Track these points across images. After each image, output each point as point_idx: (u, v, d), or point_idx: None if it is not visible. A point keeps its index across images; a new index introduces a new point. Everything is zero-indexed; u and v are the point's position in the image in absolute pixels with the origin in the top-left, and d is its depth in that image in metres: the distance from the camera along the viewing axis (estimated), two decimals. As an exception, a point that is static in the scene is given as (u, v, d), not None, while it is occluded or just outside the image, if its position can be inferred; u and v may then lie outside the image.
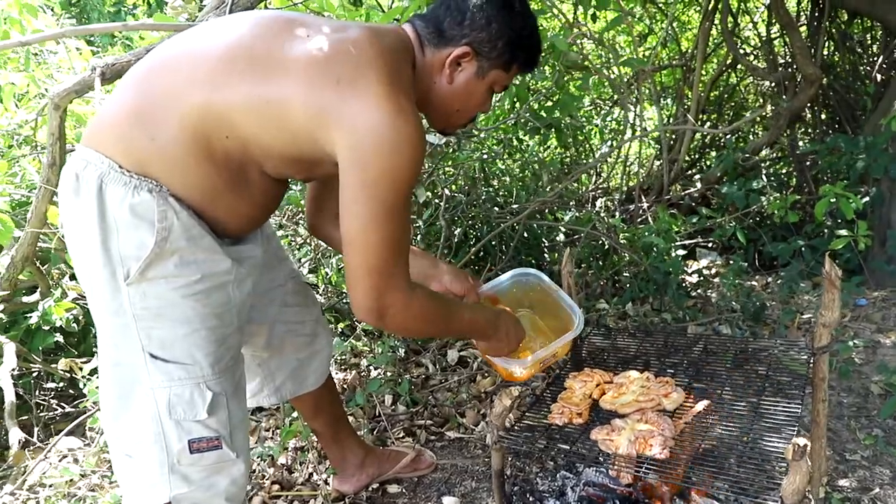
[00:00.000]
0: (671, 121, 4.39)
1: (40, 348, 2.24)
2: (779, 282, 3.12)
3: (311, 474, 1.99)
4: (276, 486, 1.93)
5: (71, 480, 1.81)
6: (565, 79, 2.81)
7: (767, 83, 4.34)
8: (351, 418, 2.14)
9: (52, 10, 4.03)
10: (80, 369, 1.92)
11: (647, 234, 2.94)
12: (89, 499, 1.71)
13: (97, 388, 1.86)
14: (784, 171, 4.01)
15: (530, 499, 1.79)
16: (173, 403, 1.15)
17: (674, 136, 4.25)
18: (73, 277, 2.31)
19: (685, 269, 3.35)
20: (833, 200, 2.64)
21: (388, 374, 2.45)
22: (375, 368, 2.52)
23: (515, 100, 2.65)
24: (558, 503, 1.74)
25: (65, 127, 1.65)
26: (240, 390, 1.29)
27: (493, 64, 1.25)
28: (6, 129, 2.54)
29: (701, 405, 1.50)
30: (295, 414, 2.12)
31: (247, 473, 1.30)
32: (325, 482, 1.93)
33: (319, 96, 1.07)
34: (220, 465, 1.22)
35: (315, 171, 1.24)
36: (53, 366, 2.03)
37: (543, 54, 2.86)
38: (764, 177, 3.38)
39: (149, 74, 1.14)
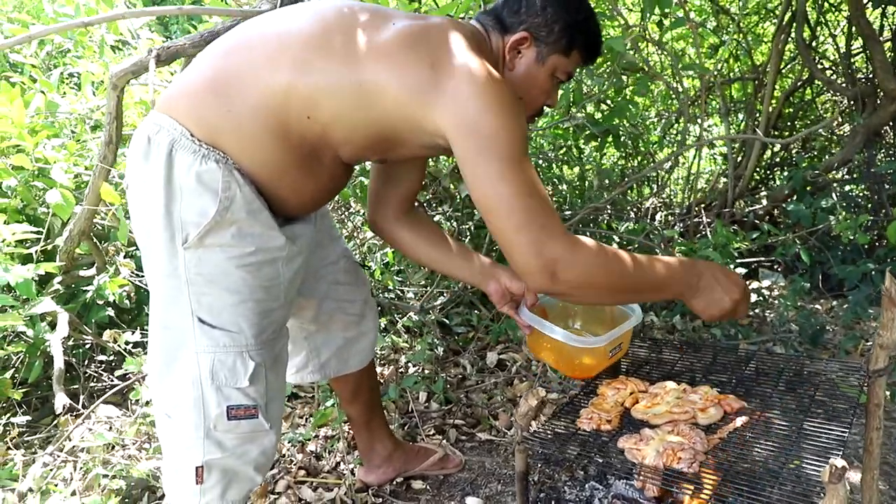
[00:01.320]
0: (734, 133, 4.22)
1: (94, 321, 2.33)
2: (844, 306, 2.94)
3: (338, 463, 1.99)
4: (303, 472, 1.94)
5: (111, 447, 1.88)
6: (625, 82, 2.73)
7: (846, 100, 4.11)
8: (383, 411, 2.13)
9: (134, 6, 4.24)
10: (118, 339, 1.98)
11: (703, 247, 2.83)
12: (120, 466, 1.76)
13: (136, 357, 1.93)
14: (858, 192, 3.79)
15: (555, 507, 1.74)
16: (216, 369, 1.18)
17: (742, 151, 4.09)
18: (127, 255, 2.40)
19: (744, 287, 3.20)
20: (909, 222, 2.48)
21: (426, 371, 2.44)
22: (413, 365, 2.51)
23: (571, 102, 2.61)
24: (584, 514, 1.68)
25: (122, 107, 1.72)
26: (279, 364, 1.32)
27: (551, 49, 1.28)
28: (80, 114, 2.67)
29: (739, 421, 1.42)
30: (329, 402, 2.13)
31: (276, 445, 1.33)
32: (352, 472, 1.93)
33: (416, 79, 1.11)
34: (253, 434, 1.24)
35: (396, 150, 1.26)
36: (104, 339, 2.11)
37: (602, 58, 2.81)
38: (835, 196, 3.19)
39: (230, 51, 1.18)
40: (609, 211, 3.51)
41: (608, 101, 2.99)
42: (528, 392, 1.47)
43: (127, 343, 2.02)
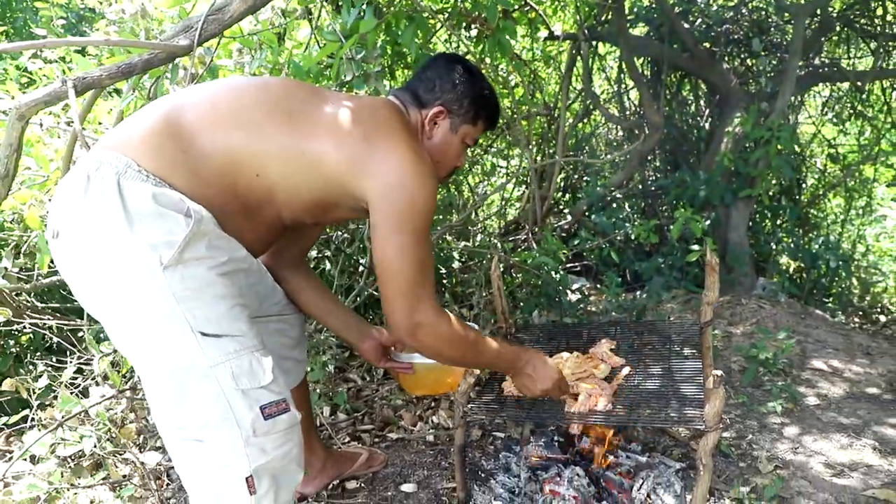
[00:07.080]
0: (539, 161, 4.94)
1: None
2: (645, 295, 3.65)
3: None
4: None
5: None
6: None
7: (619, 132, 5.06)
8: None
9: None
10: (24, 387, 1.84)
11: (537, 255, 3.34)
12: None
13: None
14: (639, 204, 4.67)
15: (481, 475, 2.01)
16: (237, 375, 1.18)
17: (542, 175, 4.80)
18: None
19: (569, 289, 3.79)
20: (684, 224, 3.21)
21: (321, 389, 2.56)
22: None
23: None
24: (506, 477, 1.98)
25: (23, 139, 1.63)
26: None
27: (462, 120, 1.51)
28: None
29: (625, 371, 1.84)
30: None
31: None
32: (284, 486, 2.01)
33: (351, 150, 1.29)
34: (290, 429, 1.26)
35: (330, 214, 1.42)
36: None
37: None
38: (628, 207, 3.95)
39: (185, 107, 1.27)
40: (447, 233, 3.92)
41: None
42: (466, 373, 1.74)
43: (33, 388, 1.87)
